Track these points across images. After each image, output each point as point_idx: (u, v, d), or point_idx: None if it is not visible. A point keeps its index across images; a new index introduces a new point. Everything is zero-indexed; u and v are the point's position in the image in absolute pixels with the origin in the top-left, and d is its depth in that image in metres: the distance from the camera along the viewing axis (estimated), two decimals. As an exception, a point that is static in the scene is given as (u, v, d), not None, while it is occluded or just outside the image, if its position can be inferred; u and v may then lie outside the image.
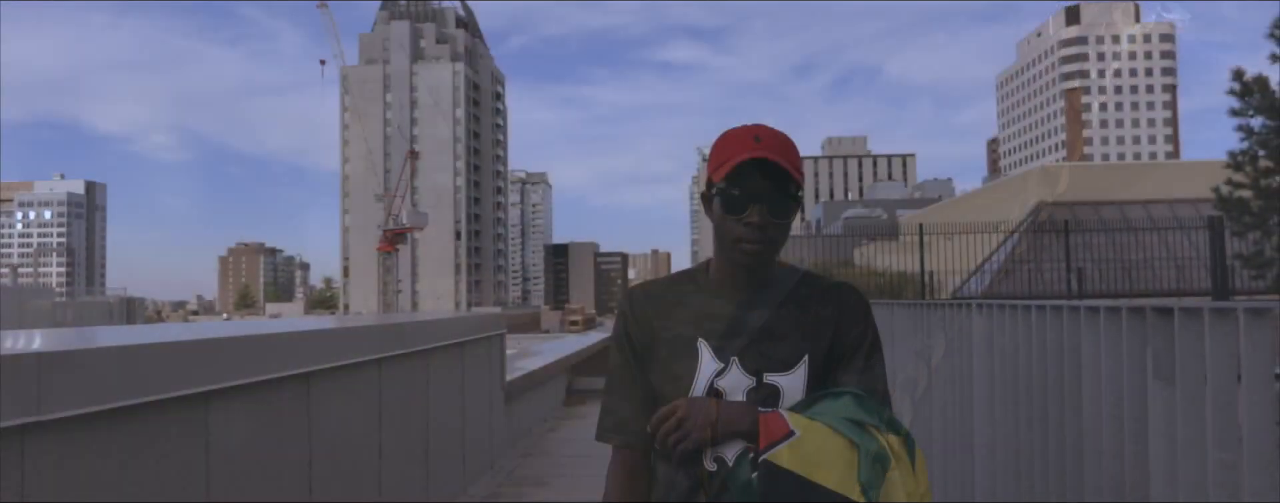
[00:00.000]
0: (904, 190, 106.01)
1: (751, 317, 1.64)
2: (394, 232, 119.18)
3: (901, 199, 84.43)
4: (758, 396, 1.59)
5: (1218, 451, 1.68)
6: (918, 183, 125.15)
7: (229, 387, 3.33)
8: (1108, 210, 27.71)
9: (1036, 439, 2.49)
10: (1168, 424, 1.84)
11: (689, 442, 1.53)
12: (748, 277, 1.66)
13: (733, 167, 1.56)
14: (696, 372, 1.62)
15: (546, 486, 6.98)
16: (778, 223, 1.60)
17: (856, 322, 1.67)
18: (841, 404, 1.54)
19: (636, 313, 1.72)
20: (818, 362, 1.62)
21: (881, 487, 1.44)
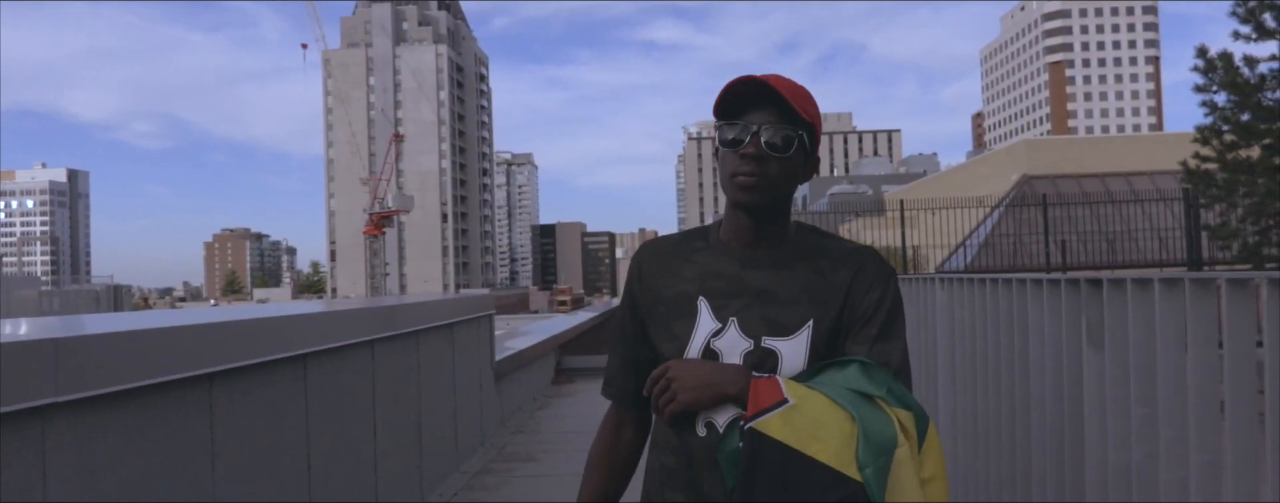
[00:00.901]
0: (889, 166, 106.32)
1: (755, 277, 1.57)
2: (380, 215, 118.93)
3: (887, 175, 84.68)
4: (754, 360, 1.52)
5: (1139, 407, 1.86)
6: (903, 159, 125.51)
7: (231, 368, 3.48)
8: (1090, 183, 28.01)
9: (990, 403, 2.68)
10: (1098, 386, 2.02)
11: (676, 404, 1.48)
12: (755, 231, 1.57)
13: (725, 91, 1.51)
14: (693, 331, 1.56)
15: (536, 461, 7.17)
16: (777, 157, 1.51)
17: (872, 289, 1.55)
18: (847, 374, 1.44)
19: (643, 270, 1.68)
20: (824, 329, 1.53)
21: (886, 466, 1.33)
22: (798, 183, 1.57)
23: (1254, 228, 9.45)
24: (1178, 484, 1.77)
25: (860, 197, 58.30)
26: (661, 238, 1.72)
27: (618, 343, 1.73)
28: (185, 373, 3.16)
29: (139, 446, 2.94)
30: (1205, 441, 1.69)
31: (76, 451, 2.63)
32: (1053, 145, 37.76)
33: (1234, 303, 1.59)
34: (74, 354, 2.62)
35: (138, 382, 2.87)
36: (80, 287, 66.92)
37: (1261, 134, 9.03)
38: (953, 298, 3.08)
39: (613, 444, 1.74)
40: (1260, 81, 9.15)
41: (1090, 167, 30.03)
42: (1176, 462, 1.77)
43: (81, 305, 52.02)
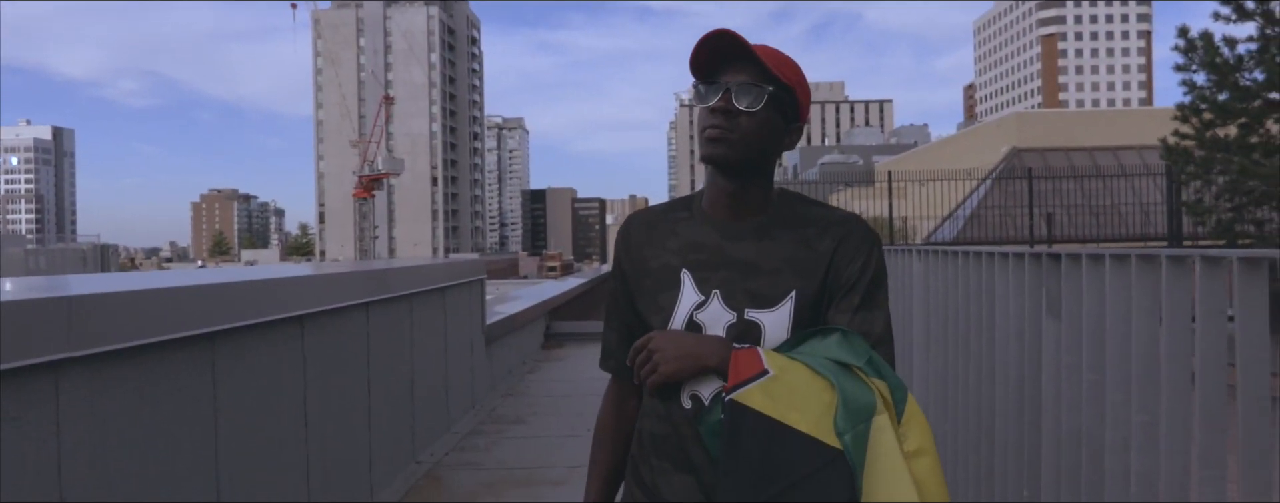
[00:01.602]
0: (880, 137, 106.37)
1: (737, 248, 1.56)
2: (370, 178, 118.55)
3: (878, 145, 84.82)
4: (737, 332, 1.51)
5: (1089, 373, 2.01)
6: (894, 129, 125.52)
7: (233, 328, 3.61)
8: (1078, 157, 28.19)
9: (959, 368, 2.83)
10: (1055, 353, 2.17)
11: (657, 375, 1.48)
12: (734, 198, 1.57)
13: (699, 50, 1.50)
14: (677, 303, 1.56)
15: (525, 424, 7.33)
16: (746, 113, 1.49)
17: (855, 257, 1.53)
18: (828, 343, 1.45)
19: (629, 241, 1.68)
20: (807, 299, 1.52)
21: (865, 432, 1.33)
22: (776, 147, 1.55)
23: (1228, 205, 9.66)
24: (1120, 444, 1.92)
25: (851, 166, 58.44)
26: (648, 209, 1.71)
27: (612, 315, 1.73)
28: (189, 332, 3.29)
29: (146, 400, 3.07)
30: (1146, 403, 1.84)
31: (88, 404, 2.75)
32: (1042, 119, 37.90)
33: (1175, 277, 1.73)
34: (86, 311, 2.73)
35: (145, 339, 3.00)
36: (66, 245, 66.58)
37: (1238, 113, 9.21)
38: (929, 268, 3.22)
39: (618, 417, 1.75)
40: (1238, 62, 9.32)
41: (1079, 140, 30.20)
42: (1120, 423, 1.92)
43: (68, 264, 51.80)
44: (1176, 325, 1.72)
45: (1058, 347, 2.17)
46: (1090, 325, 2.02)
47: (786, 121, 1.55)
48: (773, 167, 1.59)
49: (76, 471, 2.66)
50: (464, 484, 5.61)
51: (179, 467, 3.24)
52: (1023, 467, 2.39)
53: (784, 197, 1.62)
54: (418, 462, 6.05)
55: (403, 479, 5.63)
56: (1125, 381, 1.90)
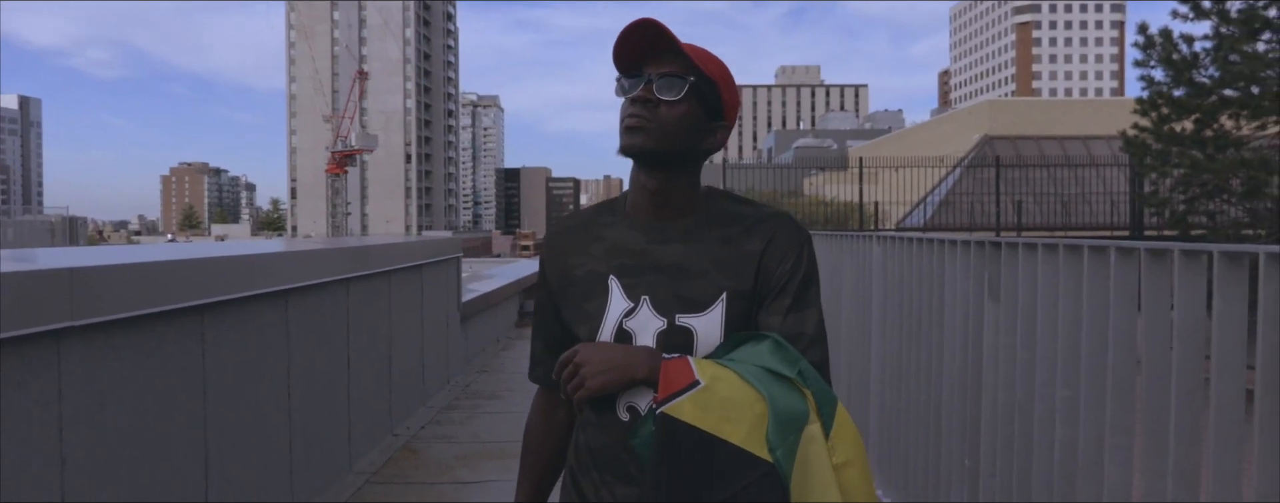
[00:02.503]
0: (855, 121, 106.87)
1: (664, 251, 1.51)
2: (343, 154, 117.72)
3: (852, 130, 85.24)
4: (668, 338, 1.46)
5: (1023, 351, 2.21)
6: (869, 114, 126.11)
7: (221, 301, 3.75)
8: (1049, 145, 28.58)
9: (910, 349, 3.03)
10: (994, 334, 2.36)
11: (584, 390, 1.41)
12: (658, 197, 1.52)
13: (620, 45, 1.48)
14: (605, 311, 1.51)
15: (499, 399, 7.51)
16: (667, 102, 1.46)
17: (786, 256, 1.49)
18: (760, 351, 1.41)
19: (553, 249, 1.63)
20: (738, 301, 1.47)
21: (795, 443, 1.32)
22: (700, 143, 1.51)
23: (1182, 197, 10.00)
24: (1047, 415, 2.12)
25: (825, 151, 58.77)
26: (573, 214, 1.66)
27: (539, 325, 1.68)
28: (181, 304, 3.43)
29: (141, 369, 3.21)
30: (1068, 378, 2.04)
31: (88, 371, 2.90)
32: (1015, 107, 38.26)
33: (1095, 266, 1.92)
34: (86, 283, 2.87)
35: (141, 311, 3.14)
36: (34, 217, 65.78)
37: (1193, 109, 9.52)
38: (887, 254, 3.42)
39: (547, 427, 1.71)
40: (1194, 59, 9.64)
41: (1051, 129, 30.56)
42: (1047, 397, 2.12)
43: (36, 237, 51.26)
44: (1094, 309, 1.91)
45: (996, 328, 2.36)
46: (1024, 309, 2.21)
47: (710, 118, 1.51)
48: (698, 165, 1.55)
49: (77, 433, 2.81)
50: (440, 457, 5.78)
51: (171, 433, 3.39)
52: (965, 437, 2.59)
53: (711, 195, 1.57)
54: (395, 434, 6.22)
55: (381, 451, 5.79)
56: (1052, 359, 2.10)
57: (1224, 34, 9.40)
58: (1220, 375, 1.52)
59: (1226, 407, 1.51)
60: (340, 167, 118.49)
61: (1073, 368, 2.00)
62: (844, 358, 4.19)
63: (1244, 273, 1.50)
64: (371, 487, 5.09)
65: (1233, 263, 1.51)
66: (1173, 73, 9.71)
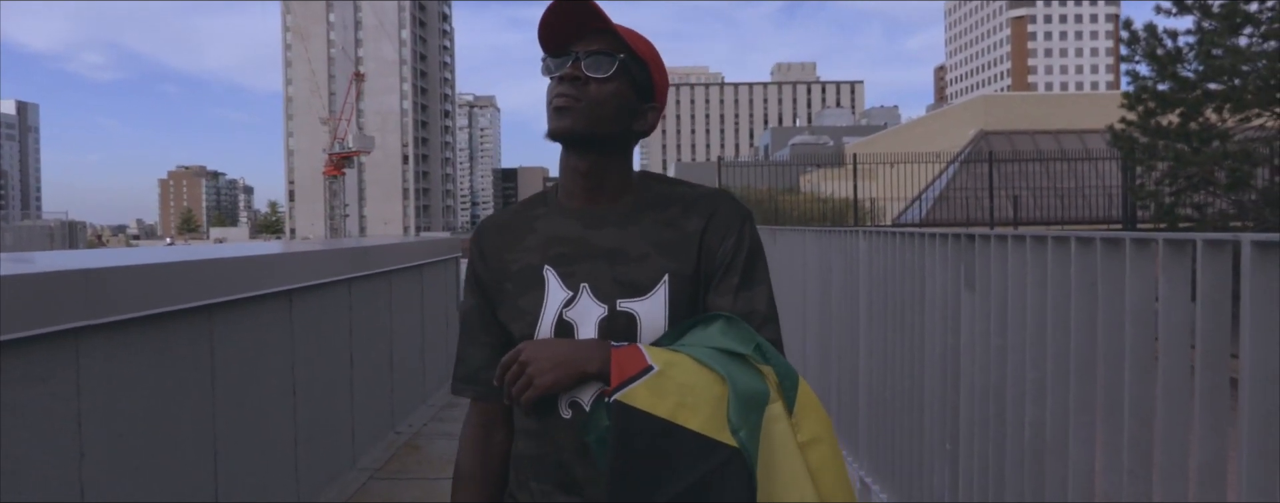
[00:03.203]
0: (851, 118, 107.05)
1: (601, 236, 1.46)
2: (340, 155, 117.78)
3: (848, 126, 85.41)
4: (611, 325, 1.41)
5: (997, 337, 2.33)
6: (865, 110, 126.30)
7: (229, 301, 3.87)
8: (1044, 140, 28.70)
9: (895, 339, 3.16)
10: (969, 322, 2.49)
11: (533, 390, 1.34)
12: (591, 182, 1.47)
13: (546, 23, 1.42)
14: (542, 303, 1.44)
15: (500, 396, 7.63)
16: (596, 80, 1.41)
17: (728, 233, 1.45)
18: (711, 332, 1.36)
19: (483, 247, 1.55)
20: (681, 283, 1.43)
21: (757, 423, 1.26)
22: (630, 124, 1.46)
23: (1169, 189, 10.16)
24: (1019, 397, 2.24)
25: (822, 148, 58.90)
26: (501, 211, 1.59)
27: (471, 332, 1.56)
28: (191, 304, 3.55)
29: (154, 366, 3.33)
30: (1036, 361, 2.16)
31: (105, 367, 3.01)
32: (1010, 102, 38.37)
33: (1057, 256, 2.04)
34: (103, 283, 2.99)
35: (154, 310, 3.25)
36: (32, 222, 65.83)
37: (1178, 103, 9.69)
38: (872, 247, 3.54)
39: (484, 451, 1.56)
40: (1178, 53, 9.80)
41: (1046, 123, 30.68)
42: (1018, 380, 2.24)
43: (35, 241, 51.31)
44: (1059, 296, 2.04)
45: (973, 316, 2.48)
46: (997, 297, 2.34)
47: (641, 98, 1.46)
48: (630, 147, 1.50)
49: (94, 427, 2.93)
50: (442, 453, 5.89)
51: (181, 428, 3.51)
52: (946, 420, 2.72)
53: (645, 178, 1.53)
54: (397, 432, 6.34)
55: (383, 448, 5.91)
56: (1021, 344, 2.22)
57: (1206, 29, 9.55)
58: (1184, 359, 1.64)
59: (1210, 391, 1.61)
60: (338, 168, 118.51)
61: (1040, 352, 2.13)
62: (835, 349, 4.31)
63: (1187, 261, 1.62)
64: (375, 483, 5.20)
65: (1176, 251, 1.63)
66: (1157, 67, 9.89)
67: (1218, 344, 1.52)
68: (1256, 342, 1.42)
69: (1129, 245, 1.72)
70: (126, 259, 3.53)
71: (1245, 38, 9.54)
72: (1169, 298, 1.62)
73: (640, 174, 1.52)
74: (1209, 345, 1.53)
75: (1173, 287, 1.62)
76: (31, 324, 2.63)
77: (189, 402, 3.61)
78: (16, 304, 2.57)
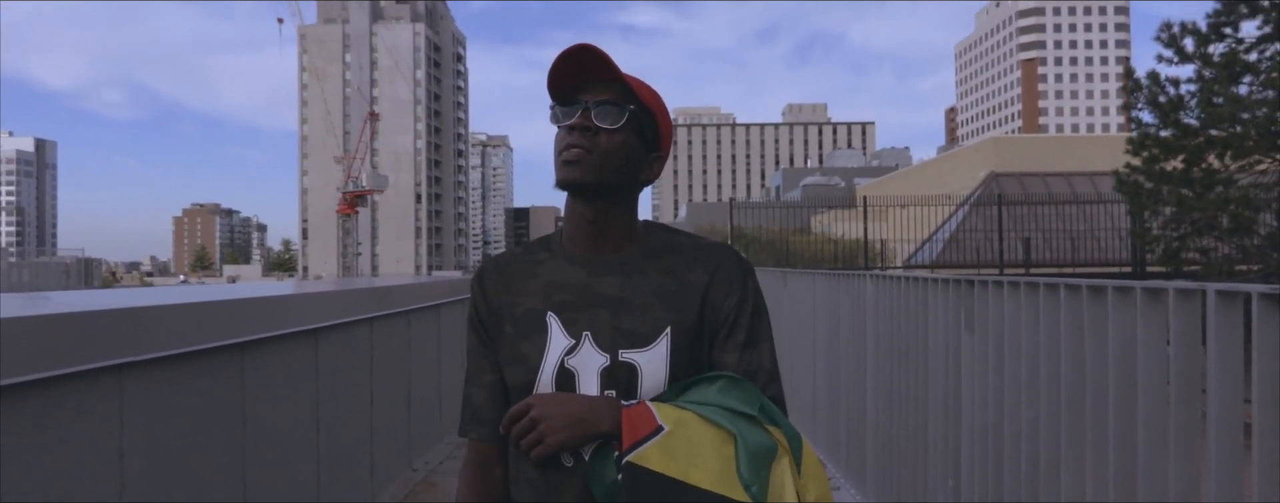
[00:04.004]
0: (862, 159, 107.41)
1: (604, 284, 1.47)
2: (354, 194, 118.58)
3: (860, 168, 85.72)
4: (612, 375, 1.41)
5: (994, 378, 2.46)
6: (876, 151, 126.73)
7: (259, 339, 4.02)
8: (1056, 182, 28.80)
9: (899, 376, 3.28)
10: (969, 362, 2.62)
11: (544, 447, 1.34)
12: (596, 229, 1.48)
13: (555, 72, 1.44)
14: (545, 350, 1.44)
15: (515, 434, 7.73)
16: (607, 130, 1.42)
17: (733, 289, 1.47)
18: (712, 391, 1.37)
19: (485, 289, 1.56)
20: (683, 334, 1.43)
21: (767, 482, 1.28)
22: (637, 174, 1.48)
23: (1175, 234, 10.29)
24: (1016, 434, 2.37)
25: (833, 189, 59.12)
26: (503, 253, 1.60)
27: (477, 374, 1.56)
28: (225, 341, 3.70)
29: (190, 400, 3.48)
30: (1031, 400, 2.29)
31: (146, 401, 3.16)
32: (1020, 143, 38.55)
33: (1049, 301, 2.18)
34: (145, 322, 3.15)
35: (191, 347, 3.41)
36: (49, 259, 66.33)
37: (1180, 149, 9.87)
38: (878, 291, 3.68)
39: (484, 489, 1.54)
40: (1179, 101, 10.01)
41: (1057, 165, 30.76)
42: (1014, 418, 2.37)
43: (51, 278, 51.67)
44: (1051, 339, 2.17)
45: (972, 357, 2.62)
46: (995, 339, 2.47)
47: (647, 149, 1.48)
48: (636, 196, 1.52)
49: (135, 459, 3.07)
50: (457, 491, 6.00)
51: (214, 459, 3.64)
52: (948, 455, 2.84)
53: (649, 227, 1.54)
54: (414, 469, 6.45)
55: (401, 484, 6.02)
56: (1017, 383, 2.35)
57: (1207, 78, 9.76)
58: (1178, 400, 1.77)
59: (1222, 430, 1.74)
60: (351, 207, 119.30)
61: (1034, 391, 2.26)
62: (843, 387, 4.43)
63: (1163, 308, 1.76)
64: (394, 517, 5.31)
65: (1153, 299, 1.77)
66: (1160, 114, 10.09)
67: (1190, 382, 1.65)
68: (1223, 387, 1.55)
69: (1111, 293, 1.87)
70: (165, 299, 3.69)
71: (1245, 86, 9.75)
72: (1147, 341, 1.76)
73: (644, 223, 1.54)
74: (1184, 388, 1.66)
75: (1150, 331, 1.76)
76: (80, 360, 2.78)
77: (221, 436, 3.75)
78: (67, 341, 2.72)
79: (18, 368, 2.55)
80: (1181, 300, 1.65)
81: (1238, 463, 1.54)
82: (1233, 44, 9.92)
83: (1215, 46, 9.92)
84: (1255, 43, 9.83)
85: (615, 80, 1.44)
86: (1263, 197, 9.61)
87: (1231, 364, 1.54)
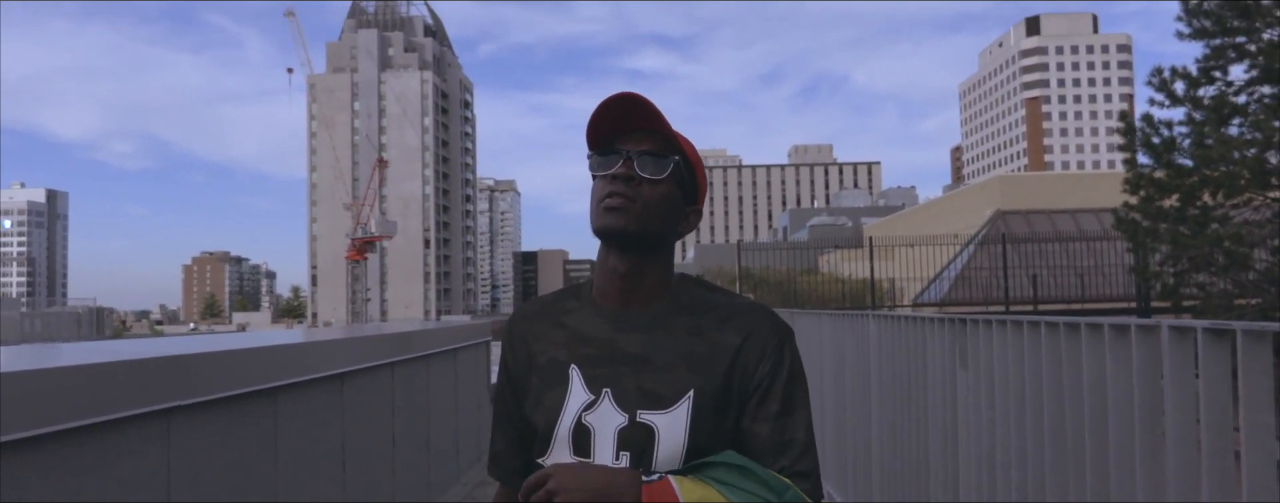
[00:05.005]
0: (868, 198, 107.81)
1: (629, 340, 1.42)
2: (363, 240, 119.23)
3: (866, 207, 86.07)
4: (629, 436, 1.37)
5: (987, 410, 2.64)
6: (882, 190, 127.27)
7: (291, 384, 4.22)
8: (1062, 219, 28.95)
9: (902, 411, 3.47)
10: (964, 395, 2.81)
11: None
12: (628, 282, 1.43)
13: (596, 121, 1.41)
14: (565, 404, 1.41)
15: (530, 475, 7.88)
16: (649, 180, 1.39)
17: (767, 354, 1.40)
18: (733, 474, 1.32)
19: (514, 336, 1.54)
20: (707, 400, 1.37)
21: None
22: (676, 226, 1.45)
23: (1172, 270, 10.51)
24: (1007, 462, 2.55)
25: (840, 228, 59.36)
26: (535, 300, 1.58)
27: (499, 418, 1.56)
28: (260, 386, 3.90)
29: (228, 441, 3.67)
30: (1019, 428, 2.48)
31: (191, 442, 3.36)
32: (1026, 181, 38.77)
33: (1031, 338, 2.38)
34: (189, 368, 3.36)
35: (230, 391, 3.61)
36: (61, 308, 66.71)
37: (1174, 189, 10.13)
38: (881, 330, 3.87)
39: None
40: (1171, 142, 10.28)
41: (1063, 202, 30.91)
42: (1005, 448, 2.55)
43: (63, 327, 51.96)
44: (1036, 375, 2.36)
45: (967, 390, 2.81)
46: (985, 374, 2.66)
47: (686, 201, 1.45)
48: (672, 249, 1.48)
49: (183, 496, 3.25)
50: (477, 528, 6.14)
51: (251, 498, 3.83)
52: (948, 486, 3.02)
53: (683, 282, 1.49)
54: (433, 509, 6.61)
55: (422, 523, 6.18)
56: (1007, 415, 2.54)
57: (1197, 120, 10.06)
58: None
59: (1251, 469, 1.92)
60: (360, 253, 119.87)
61: (1020, 420, 2.44)
62: (849, 423, 4.61)
63: (1128, 343, 1.95)
64: (417, 555, 5.45)
65: (1119, 335, 1.97)
66: (1153, 156, 10.39)
67: (1153, 413, 1.84)
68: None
69: (1084, 330, 2.06)
70: (207, 346, 3.91)
71: (1235, 127, 10.03)
72: (1118, 375, 1.95)
73: (680, 277, 1.50)
74: (1146, 417, 1.85)
75: (1119, 365, 1.95)
76: (134, 404, 2.98)
77: (256, 474, 3.94)
78: (121, 386, 2.93)
79: (79, 413, 2.75)
80: (1142, 337, 1.85)
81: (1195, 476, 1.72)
82: (1222, 87, 10.24)
83: (1205, 90, 10.24)
84: (1244, 85, 10.16)
85: (656, 130, 1.42)
86: (1257, 233, 9.84)
87: (1187, 395, 1.73)
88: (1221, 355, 1.66)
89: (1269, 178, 9.46)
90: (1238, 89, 10.25)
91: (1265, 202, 10.02)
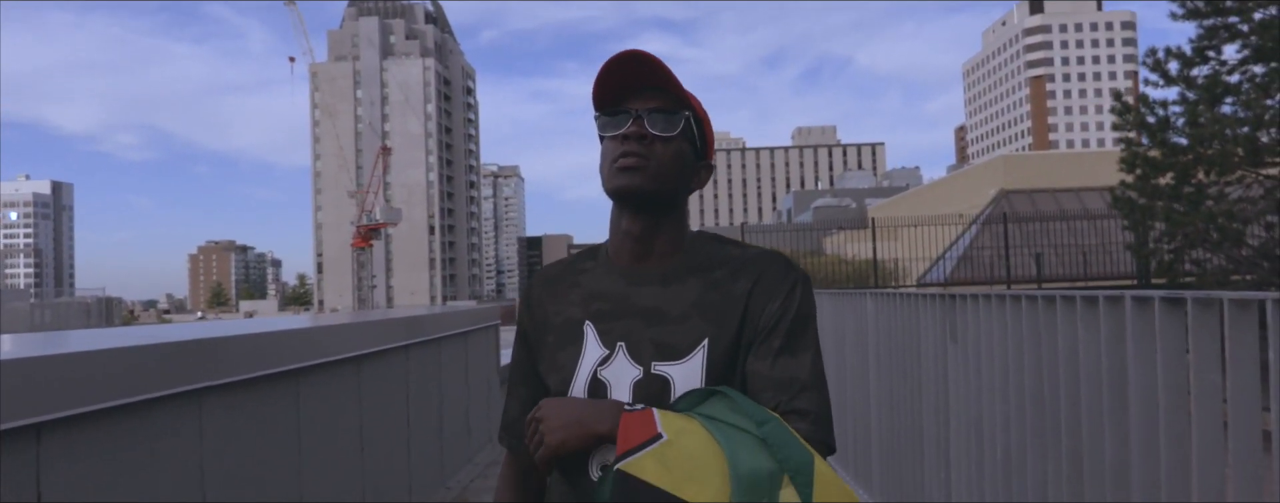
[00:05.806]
0: (873, 179, 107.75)
1: (642, 294, 1.41)
2: (368, 227, 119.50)
3: (870, 188, 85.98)
4: (645, 388, 1.35)
5: (974, 379, 2.81)
6: (886, 172, 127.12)
7: (311, 366, 4.40)
8: (1066, 198, 29.00)
9: (898, 386, 3.63)
10: (954, 367, 2.97)
11: (544, 449, 1.29)
12: (642, 240, 1.42)
13: (603, 79, 1.39)
14: (579, 360, 1.41)
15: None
16: (662, 138, 1.38)
17: (775, 296, 1.38)
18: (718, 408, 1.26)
19: (530, 299, 1.54)
20: (721, 348, 1.35)
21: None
22: (687, 183, 1.43)
23: (1168, 247, 10.67)
24: (992, 429, 2.72)
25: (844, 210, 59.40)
26: (552, 263, 1.56)
27: (516, 384, 1.56)
28: (284, 367, 4.08)
29: (256, 420, 3.85)
30: (1005, 396, 2.64)
31: (222, 421, 3.53)
32: (1030, 160, 38.76)
33: (1014, 312, 2.53)
34: (218, 351, 3.53)
35: (256, 372, 3.78)
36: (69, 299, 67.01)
37: (1168, 167, 10.28)
38: (877, 308, 4.03)
39: (518, 492, 1.58)
40: (1166, 122, 10.43)
41: (1067, 181, 30.91)
42: (991, 415, 2.72)
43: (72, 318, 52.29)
44: (1017, 346, 2.52)
45: (957, 363, 2.97)
46: (974, 347, 2.82)
47: (696, 156, 1.45)
48: (685, 205, 1.47)
49: (214, 473, 3.43)
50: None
51: (275, 475, 4.02)
52: (940, 455, 3.18)
53: (698, 238, 1.48)
54: (447, 487, 6.80)
55: (436, 501, 6.37)
56: (992, 385, 2.70)
57: (1191, 100, 10.20)
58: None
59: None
60: (365, 240, 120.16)
61: (1005, 390, 2.61)
62: (850, 399, 4.78)
63: (1097, 316, 2.11)
64: (433, 531, 5.64)
65: (1090, 307, 2.13)
66: (1148, 135, 10.54)
67: (1119, 380, 2.00)
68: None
69: (1059, 303, 2.22)
70: (234, 330, 4.08)
71: (1228, 106, 10.18)
72: (1088, 343, 2.11)
73: (695, 234, 1.48)
74: (1113, 381, 2.01)
75: (1089, 334, 2.11)
76: (169, 384, 3.15)
77: (280, 453, 4.11)
78: (157, 368, 3.10)
79: (120, 391, 2.92)
80: (1109, 308, 2.01)
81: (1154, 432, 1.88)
82: (1216, 67, 10.37)
83: (1199, 69, 10.38)
84: (1237, 65, 10.29)
85: (664, 87, 1.40)
86: (1250, 209, 10.00)
87: (1146, 367, 1.89)
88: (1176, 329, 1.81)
89: (1261, 155, 9.61)
90: (1231, 68, 10.39)
91: (1258, 179, 10.17)
